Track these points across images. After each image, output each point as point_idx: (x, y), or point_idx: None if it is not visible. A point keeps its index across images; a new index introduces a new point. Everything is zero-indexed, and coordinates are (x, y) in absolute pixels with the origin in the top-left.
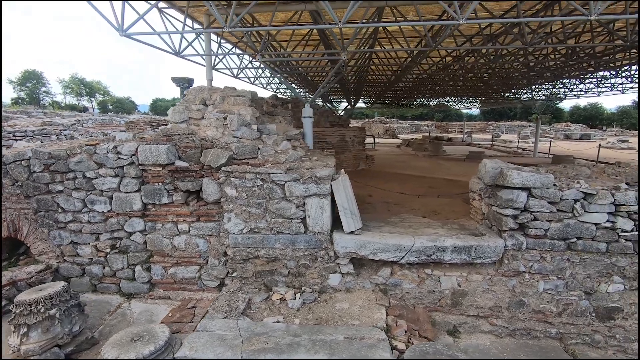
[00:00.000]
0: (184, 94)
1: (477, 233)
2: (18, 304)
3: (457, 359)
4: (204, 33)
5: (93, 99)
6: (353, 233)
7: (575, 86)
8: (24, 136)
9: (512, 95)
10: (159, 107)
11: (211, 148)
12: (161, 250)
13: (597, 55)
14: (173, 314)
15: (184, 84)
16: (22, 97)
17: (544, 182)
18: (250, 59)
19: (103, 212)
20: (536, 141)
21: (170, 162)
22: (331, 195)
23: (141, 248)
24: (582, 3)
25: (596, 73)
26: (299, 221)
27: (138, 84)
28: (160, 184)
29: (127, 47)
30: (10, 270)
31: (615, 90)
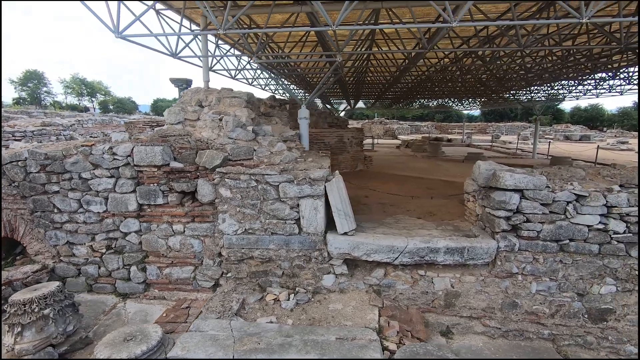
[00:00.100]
0: (181, 95)
1: (471, 234)
2: (12, 304)
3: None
4: (200, 34)
5: (94, 99)
6: (347, 234)
7: (574, 87)
8: (23, 136)
9: (511, 96)
10: (159, 108)
11: (206, 149)
12: (156, 251)
13: (594, 57)
14: (167, 314)
15: (182, 85)
16: (23, 97)
17: (536, 184)
18: (249, 60)
19: (99, 213)
20: (535, 142)
21: (165, 163)
22: (325, 196)
23: (136, 248)
24: (577, 4)
25: (594, 75)
26: (293, 222)
27: (138, 84)
28: (156, 184)
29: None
30: (7, 270)
31: (613, 92)
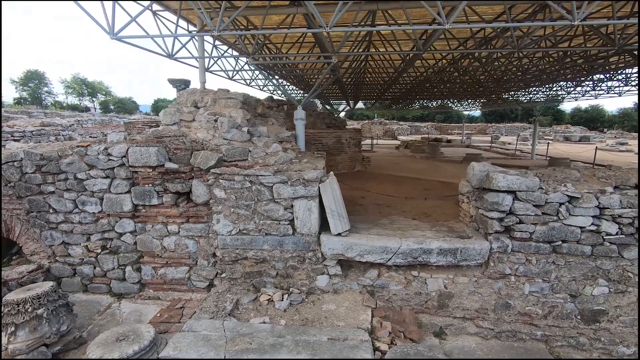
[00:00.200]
0: (178, 96)
1: (465, 235)
2: (6, 304)
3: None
4: (197, 36)
5: (95, 99)
6: (340, 235)
7: (572, 89)
8: (22, 137)
9: (510, 97)
10: (160, 108)
11: (201, 150)
12: (151, 251)
13: (591, 58)
14: (161, 314)
15: (181, 86)
16: (24, 97)
17: (529, 185)
18: (246, 61)
19: (94, 213)
20: (534, 143)
21: (160, 164)
22: (319, 197)
23: (131, 249)
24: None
25: (592, 76)
26: (287, 223)
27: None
28: (150, 185)
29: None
30: (3, 270)
31: (612, 93)
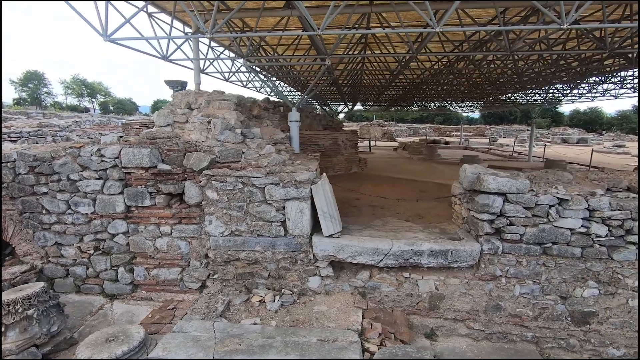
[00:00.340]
0: (172, 98)
1: (456, 237)
2: None
3: None
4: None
5: (94, 99)
6: (332, 236)
7: (568, 91)
8: (19, 137)
9: (508, 99)
10: (159, 109)
11: (194, 151)
12: (144, 252)
13: (585, 61)
14: (153, 315)
15: (177, 87)
16: (23, 98)
17: (519, 187)
18: (243, 62)
19: (87, 214)
20: (530, 145)
21: (153, 165)
22: (311, 198)
23: (124, 250)
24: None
25: (587, 79)
26: (279, 224)
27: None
28: (143, 186)
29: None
30: None
31: (608, 96)
